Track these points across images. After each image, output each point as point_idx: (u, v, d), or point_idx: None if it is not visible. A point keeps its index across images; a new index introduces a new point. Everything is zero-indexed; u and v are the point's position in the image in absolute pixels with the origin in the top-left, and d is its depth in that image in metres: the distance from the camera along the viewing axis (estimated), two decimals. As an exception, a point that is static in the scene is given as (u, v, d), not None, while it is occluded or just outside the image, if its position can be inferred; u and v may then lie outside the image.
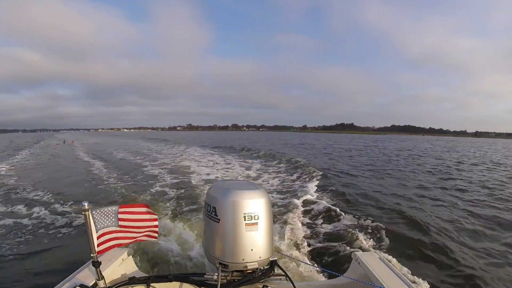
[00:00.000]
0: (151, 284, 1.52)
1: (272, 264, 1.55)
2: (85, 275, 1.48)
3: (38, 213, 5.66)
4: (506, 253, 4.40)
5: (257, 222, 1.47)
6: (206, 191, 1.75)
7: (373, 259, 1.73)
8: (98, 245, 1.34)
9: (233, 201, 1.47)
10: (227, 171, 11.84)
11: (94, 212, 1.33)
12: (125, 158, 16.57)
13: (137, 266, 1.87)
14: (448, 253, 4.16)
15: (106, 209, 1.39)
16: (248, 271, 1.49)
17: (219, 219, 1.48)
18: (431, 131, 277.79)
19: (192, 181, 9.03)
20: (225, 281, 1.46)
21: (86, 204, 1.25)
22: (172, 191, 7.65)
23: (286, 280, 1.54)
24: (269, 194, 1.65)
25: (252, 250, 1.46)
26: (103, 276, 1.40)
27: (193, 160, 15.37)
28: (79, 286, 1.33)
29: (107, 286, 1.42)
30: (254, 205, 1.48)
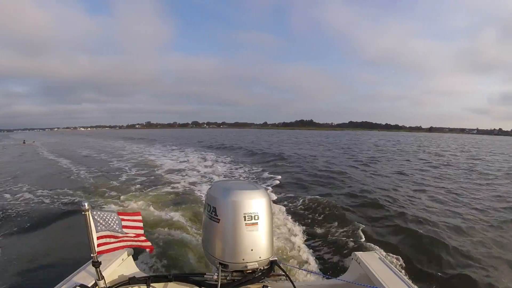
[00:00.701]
0: (151, 284, 1.52)
1: (272, 264, 1.55)
2: (85, 275, 1.48)
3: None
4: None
5: (257, 222, 1.47)
6: (206, 191, 1.75)
7: (373, 259, 1.73)
8: (98, 245, 1.33)
9: (233, 201, 1.47)
10: (188, 161, 13.95)
11: (94, 213, 1.33)
12: (102, 157, 17.04)
13: (137, 266, 1.87)
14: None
15: (106, 213, 1.38)
16: (248, 271, 1.49)
17: (219, 219, 1.48)
18: (387, 127, 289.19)
19: (190, 179, 9.22)
20: (225, 281, 1.46)
21: (86, 204, 1.25)
22: (164, 186, 7.97)
23: (286, 280, 1.53)
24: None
25: (252, 250, 1.46)
26: (103, 276, 1.40)
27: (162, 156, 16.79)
28: (79, 286, 1.33)
29: (107, 286, 1.42)
30: (254, 205, 1.48)
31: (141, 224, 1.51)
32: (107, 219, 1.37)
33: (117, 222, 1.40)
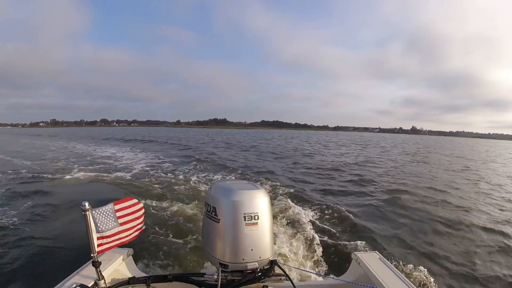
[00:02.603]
0: (151, 284, 1.52)
1: (272, 264, 1.55)
2: (85, 275, 1.48)
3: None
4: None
5: (257, 222, 1.47)
6: (206, 191, 1.75)
7: (373, 259, 1.73)
8: (98, 245, 1.33)
9: (233, 201, 1.47)
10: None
11: (94, 212, 1.33)
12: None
13: (137, 266, 1.87)
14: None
15: (104, 208, 1.37)
16: (248, 271, 1.49)
17: (219, 219, 1.48)
18: (297, 126, 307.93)
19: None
20: (225, 281, 1.46)
21: (86, 204, 1.25)
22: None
23: (286, 280, 1.54)
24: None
25: (252, 250, 1.46)
26: (103, 276, 1.40)
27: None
28: (79, 286, 1.33)
29: (107, 286, 1.42)
30: (254, 205, 1.48)
31: (135, 208, 1.49)
32: (105, 215, 1.37)
33: (112, 216, 1.39)
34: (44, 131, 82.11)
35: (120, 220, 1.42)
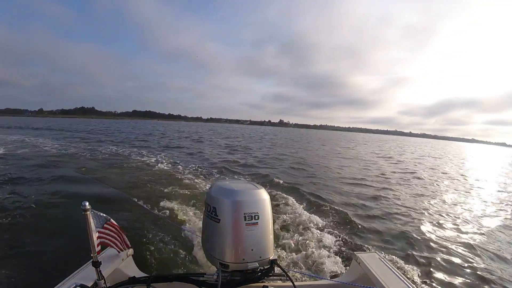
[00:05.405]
0: (151, 284, 1.52)
1: (272, 263, 1.55)
2: (85, 275, 1.48)
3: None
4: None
5: (257, 222, 1.47)
6: (206, 191, 1.75)
7: (373, 260, 1.73)
8: (98, 245, 1.34)
9: (233, 201, 1.47)
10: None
11: (94, 212, 1.33)
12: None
13: (137, 266, 1.87)
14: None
15: (101, 214, 1.40)
16: (248, 271, 1.49)
17: (220, 219, 1.48)
18: (170, 117, 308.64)
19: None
20: (225, 281, 1.46)
21: (87, 204, 1.24)
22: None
23: (287, 280, 1.54)
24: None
25: (252, 250, 1.46)
26: (103, 276, 1.40)
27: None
28: (79, 286, 1.33)
29: (107, 286, 1.42)
30: (254, 205, 1.48)
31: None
32: (104, 219, 1.38)
33: (104, 220, 1.41)
34: None
35: (106, 225, 1.42)
